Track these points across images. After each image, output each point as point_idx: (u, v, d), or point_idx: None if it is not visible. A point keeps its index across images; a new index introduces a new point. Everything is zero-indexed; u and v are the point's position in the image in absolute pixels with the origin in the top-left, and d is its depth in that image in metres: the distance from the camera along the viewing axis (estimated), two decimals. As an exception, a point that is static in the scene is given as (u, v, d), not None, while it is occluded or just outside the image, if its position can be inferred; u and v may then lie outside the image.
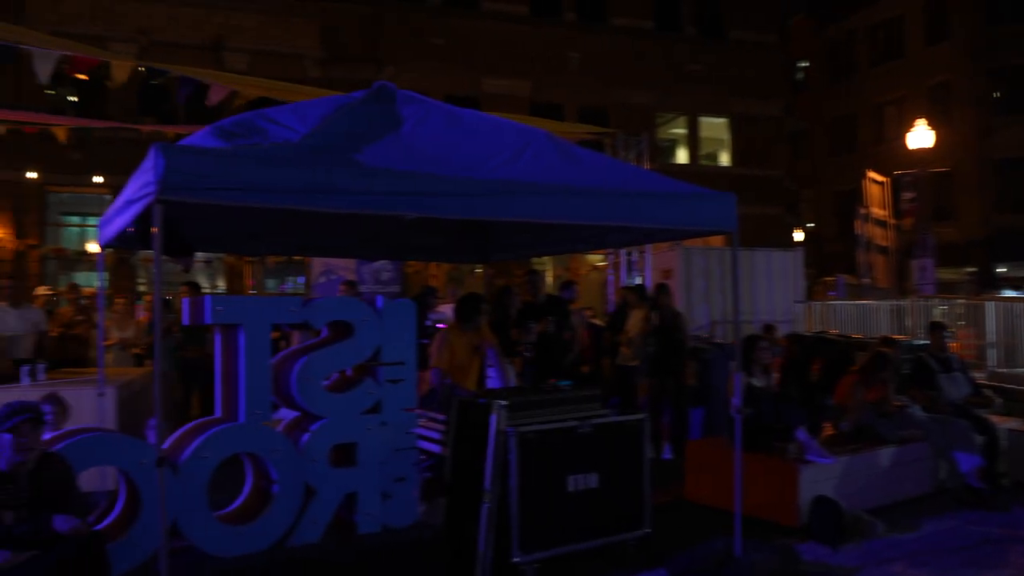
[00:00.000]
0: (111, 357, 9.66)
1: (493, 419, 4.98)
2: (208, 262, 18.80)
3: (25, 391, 6.76)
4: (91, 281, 18.62)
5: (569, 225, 6.24)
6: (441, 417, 5.58)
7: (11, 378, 7.17)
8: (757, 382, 6.54)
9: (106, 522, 4.37)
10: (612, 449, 5.24)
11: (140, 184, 4.02)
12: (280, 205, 4.00)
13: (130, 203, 4.33)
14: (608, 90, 21.82)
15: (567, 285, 9.89)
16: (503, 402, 4.94)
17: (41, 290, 11.54)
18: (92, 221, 17.95)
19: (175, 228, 6.46)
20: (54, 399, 5.51)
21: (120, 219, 5.40)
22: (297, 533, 4.61)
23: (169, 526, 4.24)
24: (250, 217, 6.49)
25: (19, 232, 18.24)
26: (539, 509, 4.90)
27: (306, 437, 4.71)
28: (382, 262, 11.82)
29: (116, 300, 10.40)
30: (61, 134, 10.33)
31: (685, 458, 6.84)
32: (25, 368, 7.14)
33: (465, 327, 6.21)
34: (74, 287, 11.49)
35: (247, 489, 4.78)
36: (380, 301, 5.02)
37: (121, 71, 6.46)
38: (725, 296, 11.84)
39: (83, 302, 10.52)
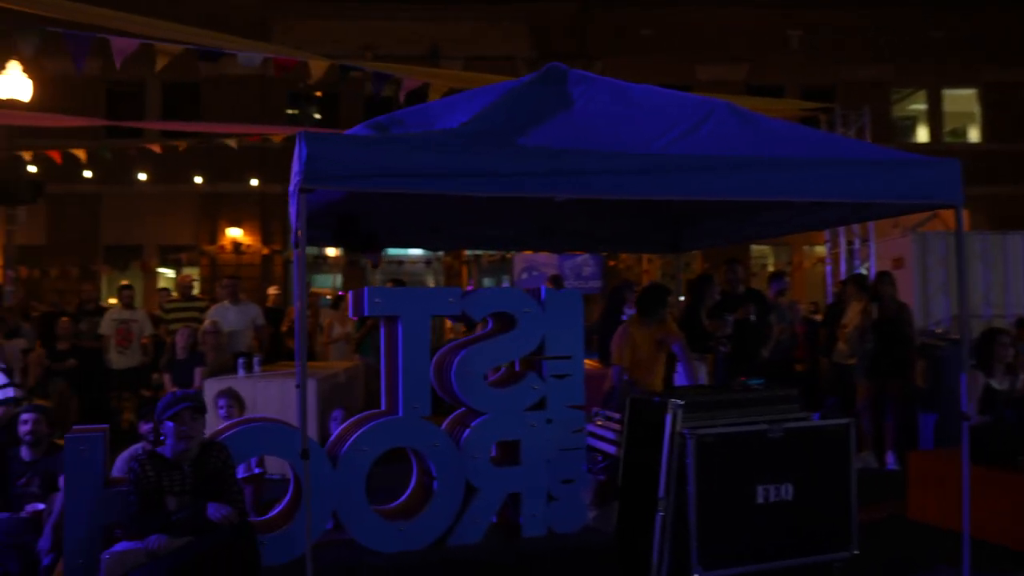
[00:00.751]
0: (333, 351, 10.24)
1: (668, 420, 4.55)
2: (428, 262, 19.59)
3: (240, 382, 7.24)
4: (329, 283, 20.10)
5: (765, 205, 5.64)
6: (618, 416, 5.22)
7: (231, 370, 7.72)
8: (998, 384, 5.54)
9: (275, 511, 4.46)
10: (810, 457, 4.62)
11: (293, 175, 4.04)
12: (423, 190, 3.86)
13: (290, 196, 4.38)
14: (835, 67, 20.11)
15: (776, 276, 9.12)
16: (679, 401, 4.50)
17: (272, 290, 12.49)
18: (325, 227, 19.27)
19: (359, 224, 6.62)
20: (229, 392, 5.79)
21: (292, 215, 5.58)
22: (457, 532, 4.44)
23: (329, 518, 4.24)
24: (428, 210, 6.50)
25: (265, 239, 20.03)
26: (722, 521, 4.40)
27: (467, 433, 4.53)
28: (583, 257, 11.59)
29: (341, 298, 10.99)
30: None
31: (908, 470, 5.96)
32: (241, 360, 7.65)
33: (647, 320, 5.79)
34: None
35: (412, 485, 4.70)
36: (544, 291, 4.74)
37: (318, 69, 6.71)
38: (973, 287, 10.35)
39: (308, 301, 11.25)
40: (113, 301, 14.28)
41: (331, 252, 19.68)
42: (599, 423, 5.56)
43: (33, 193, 12.48)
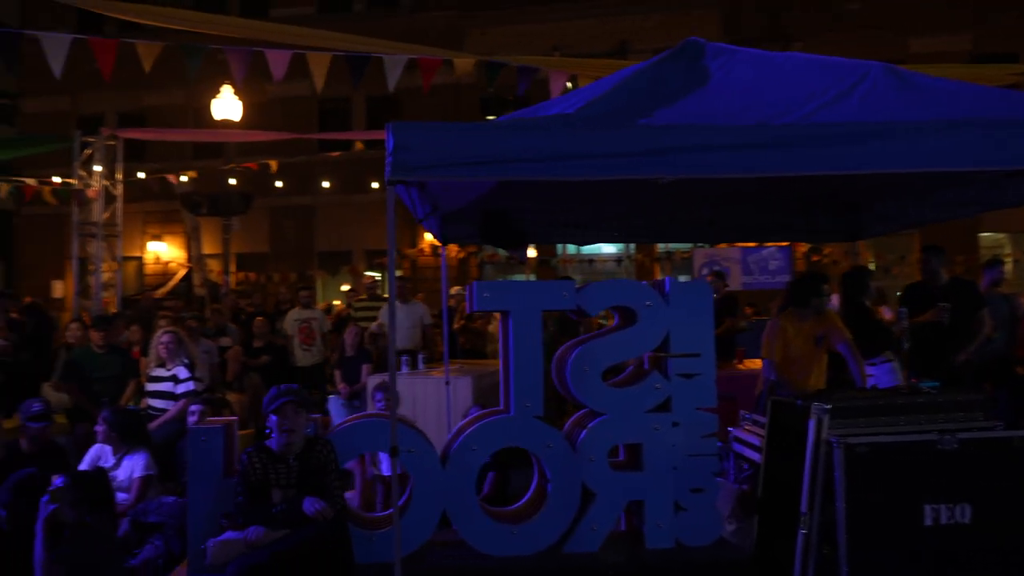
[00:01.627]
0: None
1: (811, 425, 4.04)
2: (619, 260, 19.29)
3: (401, 379, 7.42)
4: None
5: (940, 181, 4.91)
6: (763, 420, 4.73)
7: (396, 367, 7.93)
8: None
9: (390, 510, 4.44)
10: (995, 474, 3.93)
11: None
12: (515, 176, 3.66)
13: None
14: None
15: (991, 264, 7.97)
16: (824, 405, 3.98)
17: (455, 289, 12.78)
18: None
19: (506, 220, 6.54)
20: (386, 386, 5.88)
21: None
22: (574, 539, 4.20)
23: (438, 518, 4.15)
24: (574, 204, 6.29)
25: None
26: (879, 545, 3.85)
27: (583, 435, 4.28)
28: (769, 250, 10.81)
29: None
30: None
31: None
32: (404, 358, 7.84)
33: (801, 312, 5.20)
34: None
35: (532, 488, 4.51)
36: (668, 283, 4.38)
37: (464, 65, 6.72)
38: None
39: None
40: (337, 303, 15.37)
41: (529, 253, 19.98)
42: (746, 428, 5.07)
43: (244, 205, 13.64)
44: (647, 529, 4.25)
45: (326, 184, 19.19)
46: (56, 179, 12.06)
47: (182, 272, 19.57)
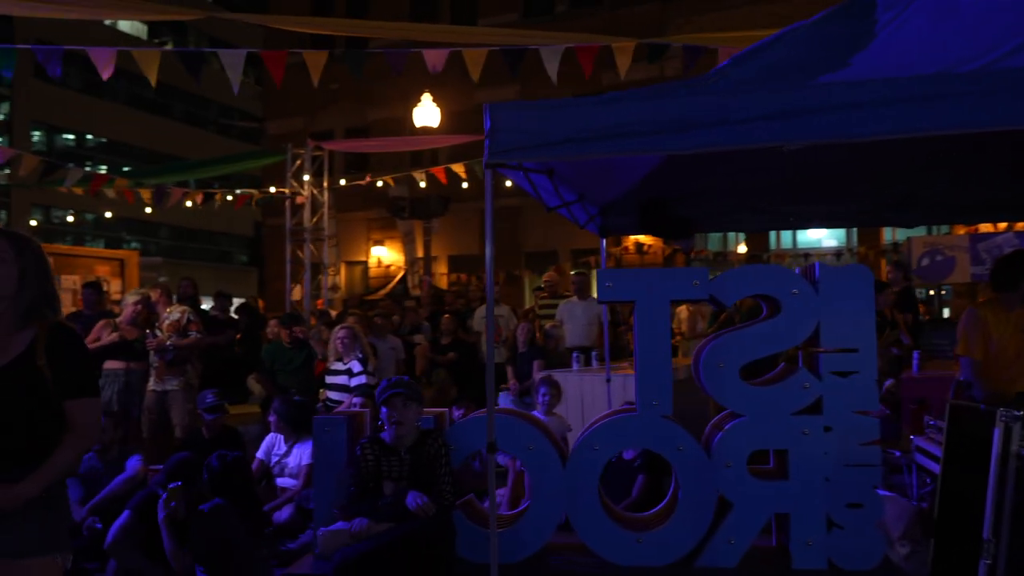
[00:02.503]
0: (695, 347, 9.80)
1: (996, 435, 3.39)
2: (838, 254, 17.86)
3: (571, 375, 7.27)
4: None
5: None
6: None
7: (568, 363, 7.79)
8: None
9: (520, 508, 4.28)
10: None
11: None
12: (622, 152, 3.37)
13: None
14: None
15: None
16: (1016, 412, 3.33)
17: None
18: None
19: (668, 208, 6.17)
20: (549, 381, 5.75)
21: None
22: (708, 553, 3.79)
23: (559, 520, 3.94)
24: (744, 187, 5.79)
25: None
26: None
27: (718, 437, 3.87)
28: (1004, 235, 9.40)
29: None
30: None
31: None
32: (576, 355, 7.67)
33: (1008, 299, 4.37)
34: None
35: (668, 494, 4.16)
36: (818, 268, 3.85)
37: (623, 55, 6.43)
38: None
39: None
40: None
41: (742, 249, 19.04)
42: (931, 436, 4.37)
43: (442, 207, 14.11)
44: (794, 547, 3.75)
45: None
46: (272, 189, 13.16)
47: (400, 274, 20.70)
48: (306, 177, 12.14)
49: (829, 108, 3.23)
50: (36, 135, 34.20)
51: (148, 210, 15.21)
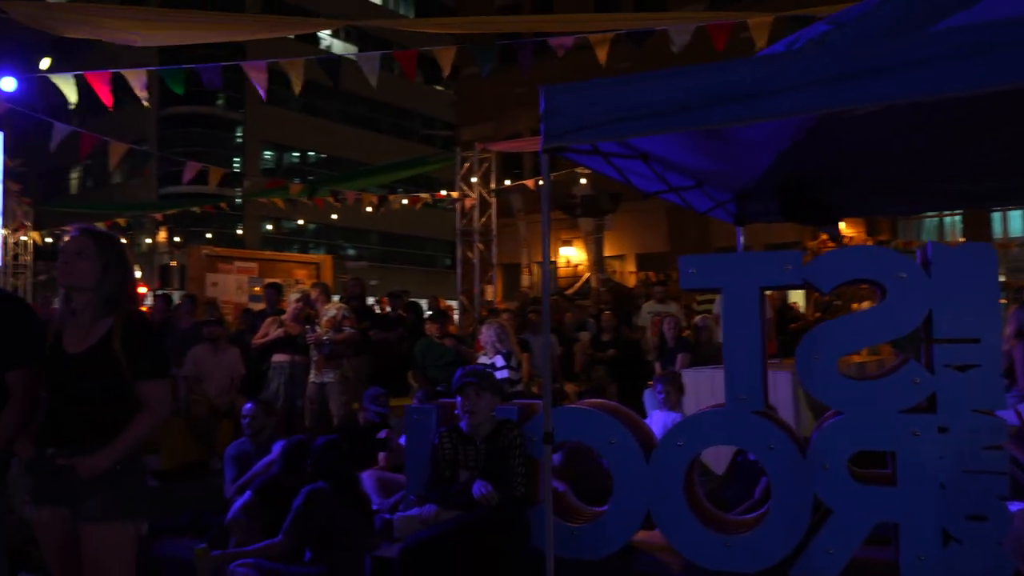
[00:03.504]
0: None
1: None
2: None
3: (717, 372, 6.95)
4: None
5: None
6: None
7: (716, 359, 7.46)
8: None
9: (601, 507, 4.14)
10: None
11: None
12: (681, 128, 3.17)
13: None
14: None
15: None
16: None
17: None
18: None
19: (809, 192, 5.75)
20: (666, 378, 5.56)
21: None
22: (804, 562, 3.47)
23: (643, 517, 3.77)
24: (892, 166, 5.28)
25: (870, 230, 18.68)
26: None
27: (815, 436, 3.53)
28: None
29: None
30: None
31: None
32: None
33: None
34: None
35: (756, 493, 3.86)
36: (931, 249, 3.41)
37: (759, 28, 6.04)
38: None
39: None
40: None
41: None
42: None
43: (613, 204, 13.96)
44: (904, 560, 3.35)
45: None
46: (442, 192, 13.65)
47: (587, 274, 20.75)
48: (473, 179, 12.50)
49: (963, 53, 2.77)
50: (268, 155, 37.83)
51: (334, 216, 16.31)
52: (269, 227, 36.42)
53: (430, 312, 9.65)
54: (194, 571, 4.22)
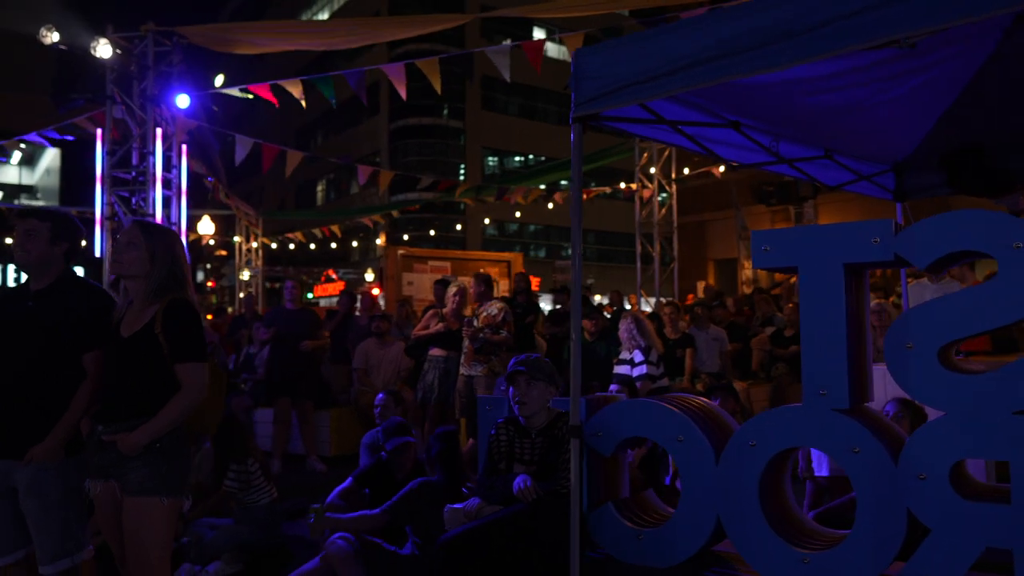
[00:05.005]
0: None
1: None
2: None
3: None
4: None
5: None
6: None
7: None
8: None
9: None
10: None
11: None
12: (721, 77, 2.78)
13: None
14: None
15: None
16: None
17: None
18: None
19: (979, 158, 4.97)
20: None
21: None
22: (897, 587, 2.92)
23: (712, 525, 3.36)
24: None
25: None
26: None
27: (908, 440, 2.95)
28: None
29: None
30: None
31: None
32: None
33: None
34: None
35: (835, 503, 3.30)
36: (1055, 211, 2.72)
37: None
38: None
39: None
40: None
41: None
42: None
43: (811, 190, 12.88)
44: (1019, 595, 2.70)
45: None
46: (622, 184, 13.29)
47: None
48: (652, 170, 12.06)
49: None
50: (492, 160, 39.26)
51: (518, 213, 16.44)
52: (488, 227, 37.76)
53: (588, 308, 9.43)
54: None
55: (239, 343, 9.79)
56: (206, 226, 19.42)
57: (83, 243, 3.65)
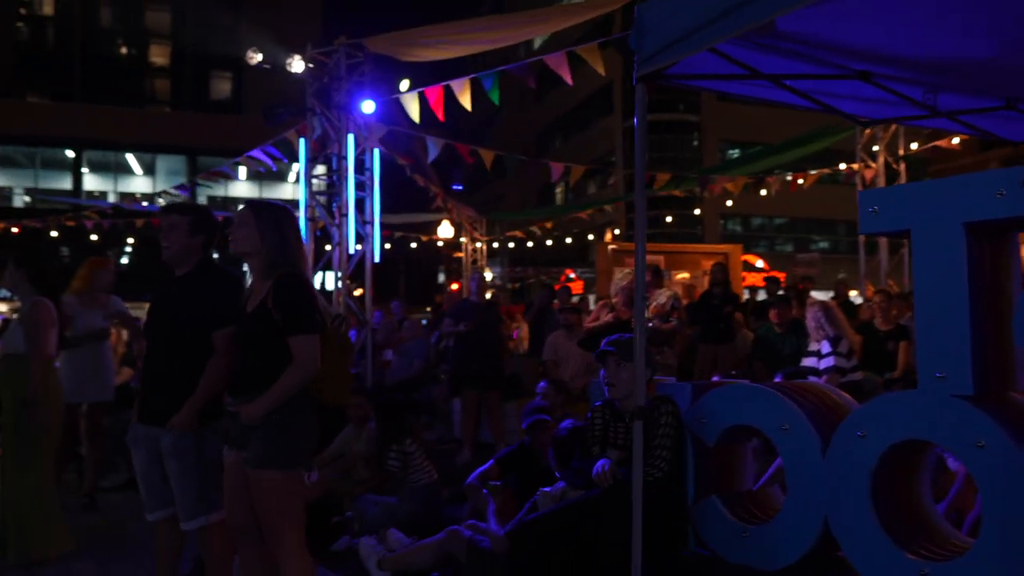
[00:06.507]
0: None
1: None
2: None
3: None
4: None
5: None
6: None
7: None
8: None
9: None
10: None
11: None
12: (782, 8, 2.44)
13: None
14: None
15: None
16: None
17: None
18: None
19: None
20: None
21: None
22: (1027, 612, 2.40)
23: (820, 525, 2.97)
24: None
25: None
26: None
27: (1041, 431, 2.41)
28: None
29: None
30: None
31: None
32: None
33: None
34: None
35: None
36: None
37: None
38: None
39: None
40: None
41: None
42: None
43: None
44: None
45: None
46: (842, 166, 12.07)
47: None
48: (875, 148, 10.91)
49: None
50: (734, 152, 37.79)
51: (730, 202, 15.58)
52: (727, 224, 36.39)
53: (776, 297, 8.75)
54: None
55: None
56: (445, 230, 20.54)
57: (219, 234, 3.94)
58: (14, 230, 14.85)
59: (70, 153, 35.67)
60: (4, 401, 4.62)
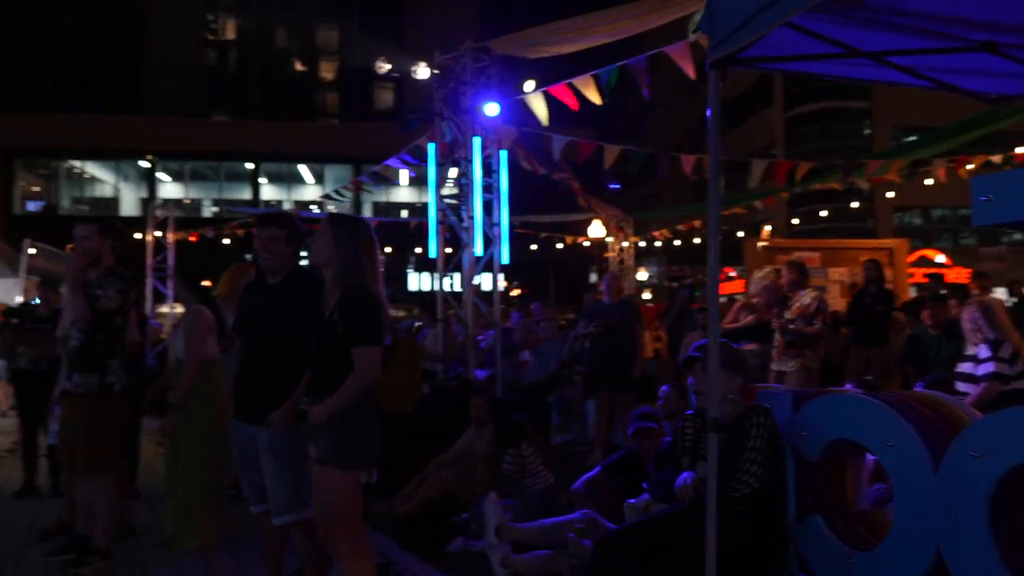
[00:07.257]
0: None
1: None
2: None
3: None
4: None
5: None
6: None
7: None
8: None
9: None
10: None
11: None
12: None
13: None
14: None
15: None
16: None
17: None
18: None
19: None
20: None
21: None
22: None
23: (932, 553, 2.64)
24: None
25: None
26: None
27: None
28: None
29: None
30: None
31: None
32: None
33: None
34: None
35: None
36: None
37: None
38: None
39: None
40: None
41: None
42: None
43: None
44: None
45: None
46: (1018, 149, 10.77)
47: None
48: (1058, 126, 9.72)
49: None
50: (911, 139, 35.19)
51: (890, 193, 14.31)
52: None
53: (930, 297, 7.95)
54: None
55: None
56: (596, 229, 20.36)
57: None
58: (191, 239, 16.04)
59: (249, 165, 38.50)
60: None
